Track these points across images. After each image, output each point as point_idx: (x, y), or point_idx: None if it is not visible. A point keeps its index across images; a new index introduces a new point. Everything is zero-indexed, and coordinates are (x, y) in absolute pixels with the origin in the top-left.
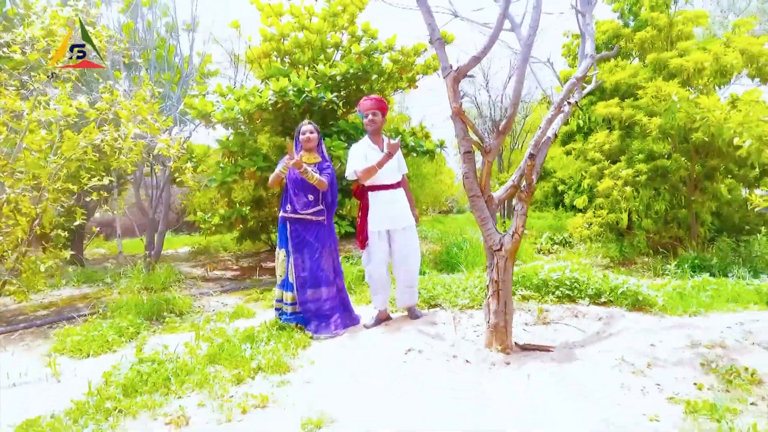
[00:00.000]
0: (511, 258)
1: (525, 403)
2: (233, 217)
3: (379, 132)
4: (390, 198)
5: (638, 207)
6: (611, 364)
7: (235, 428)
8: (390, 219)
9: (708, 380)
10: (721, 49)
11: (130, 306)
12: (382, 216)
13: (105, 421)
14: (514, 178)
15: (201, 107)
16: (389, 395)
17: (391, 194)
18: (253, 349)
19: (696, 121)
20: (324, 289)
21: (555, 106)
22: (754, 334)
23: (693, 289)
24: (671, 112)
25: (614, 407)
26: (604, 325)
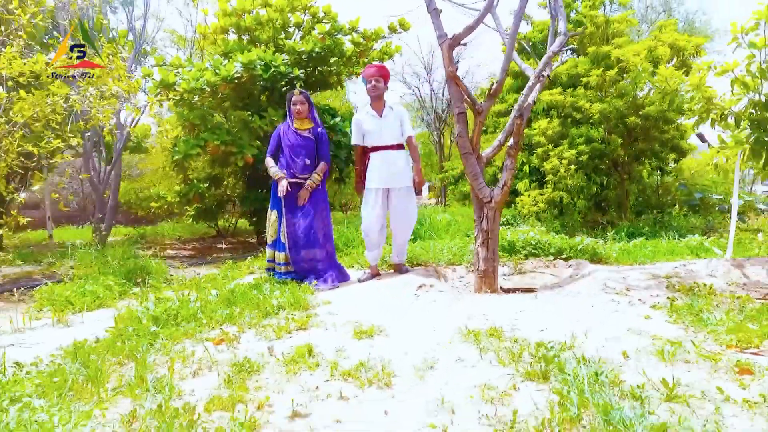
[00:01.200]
0: (499, 209)
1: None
2: (191, 193)
3: (381, 99)
4: (389, 158)
5: (576, 186)
6: (597, 289)
7: (288, 343)
8: (388, 178)
9: (677, 295)
10: (653, 42)
11: (103, 271)
12: (380, 175)
13: (153, 343)
14: (500, 139)
15: (163, 77)
16: (416, 313)
17: (391, 155)
18: (263, 294)
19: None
20: (317, 250)
21: (534, 75)
22: (696, 272)
23: (634, 247)
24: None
25: (612, 313)
26: (574, 270)
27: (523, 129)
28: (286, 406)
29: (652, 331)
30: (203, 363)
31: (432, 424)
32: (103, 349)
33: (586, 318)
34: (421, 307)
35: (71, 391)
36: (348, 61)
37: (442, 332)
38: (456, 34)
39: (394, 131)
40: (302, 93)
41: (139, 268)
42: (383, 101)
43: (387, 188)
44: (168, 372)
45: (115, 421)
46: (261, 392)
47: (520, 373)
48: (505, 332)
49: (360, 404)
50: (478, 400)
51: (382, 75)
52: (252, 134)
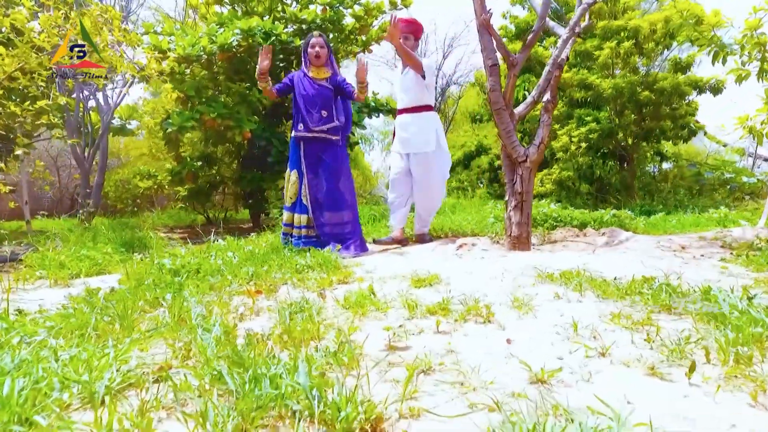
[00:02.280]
0: (534, 169)
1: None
2: (184, 171)
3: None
4: (404, 121)
5: (586, 164)
6: (652, 247)
7: (336, 292)
8: (402, 143)
9: (737, 252)
10: (670, 13)
11: (97, 241)
12: (397, 139)
13: (180, 292)
14: (533, 95)
15: (155, 42)
16: (469, 265)
17: (404, 119)
18: (284, 257)
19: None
20: (345, 212)
21: (569, 29)
22: (735, 236)
23: (658, 220)
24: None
25: (683, 264)
26: (608, 238)
27: (558, 81)
28: (375, 341)
29: (747, 275)
30: (247, 309)
31: (587, 345)
32: (123, 296)
33: (662, 266)
34: (471, 262)
35: (96, 332)
36: (347, 38)
37: (513, 278)
38: None
39: (408, 92)
40: (321, 36)
41: (136, 239)
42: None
43: (407, 153)
44: (209, 315)
45: (163, 357)
46: (335, 329)
47: (641, 304)
48: (584, 272)
49: (466, 337)
50: (616, 327)
51: (412, 31)
52: (250, 108)
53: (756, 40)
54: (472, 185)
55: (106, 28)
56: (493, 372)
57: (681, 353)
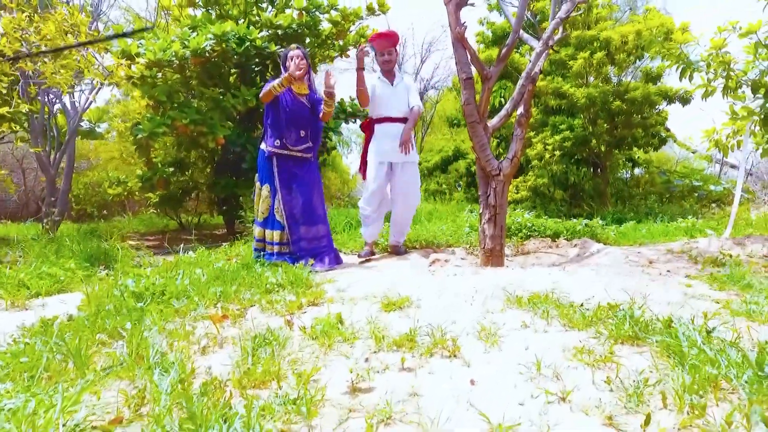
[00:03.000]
0: (507, 183)
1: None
2: (155, 178)
3: (392, 71)
4: (395, 131)
5: (560, 171)
6: (620, 261)
7: (306, 318)
8: (390, 151)
9: (702, 266)
10: (641, 26)
11: (61, 255)
12: (385, 148)
13: (141, 321)
14: (507, 108)
15: (124, 47)
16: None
17: (397, 127)
18: (255, 273)
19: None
20: (321, 226)
21: (542, 42)
22: (700, 248)
23: (629, 229)
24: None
25: (650, 282)
26: (580, 249)
27: (532, 96)
28: (338, 380)
29: (711, 296)
30: (210, 338)
31: (547, 390)
32: (80, 327)
33: (629, 286)
34: (443, 280)
35: (47, 373)
36: (323, 43)
37: (482, 300)
38: None
39: (402, 103)
40: (300, 48)
41: (102, 252)
42: (394, 71)
43: (390, 162)
44: (169, 349)
45: (115, 405)
46: (298, 366)
47: (605, 335)
48: (552, 296)
49: (431, 375)
50: (578, 364)
51: (393, 44)
52: (224, 114)
53: (721, 58)
54: (450, 188)
55: (72, 35)
56: (454, 422)
57: (639, 398)
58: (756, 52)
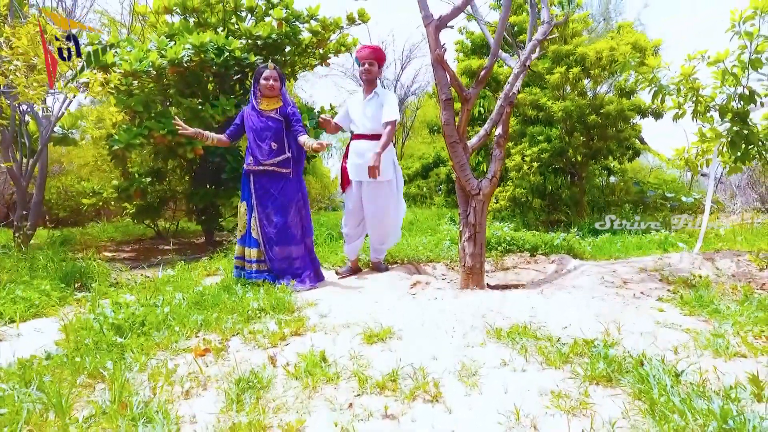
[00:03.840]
0: (487, 202)
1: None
2: (132, 188)
3: (373, 83)
4: (360, 149)
5: (538, 183)
6: (596, 283)
7: (289, 350)
8: (358, 170)
9: (674, 287)
10: (615, 42)
11: (34, 275)
12: (352, 167)
13: (122, 358)
14: (486, 128)
15: (99, 56)
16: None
17: (362, 145)
18: (236, 296)
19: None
20: (293, 247)
21: (520, 63)
22: (675, 265)
23: (604, 242)
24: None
25: (624, 306)
26: (558, 266)
27: (510, 116)
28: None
29: (681, 323)
30: (193, 380)
31: None
32: (59, 367)
33: (603, 312)
34: (424, 306)
35: (28, 426)
36: (304, 51)
37: (463, 332)
38: (443, 15)
39: (371, 120)
40: (275, 68)
41: (77, 270)
42: (374, 86)
43: (360, 181)
44: (152, 393)
45: None
46: (283, 414)
47: (581, 376)
48: (530, 328)
49: (414, 423)
50: (555, 411)
51: (376, 57)
52: (202, 124)
53: (690, 85)
54: (431, 192)
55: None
56: None
57: None
58: (723, 79)
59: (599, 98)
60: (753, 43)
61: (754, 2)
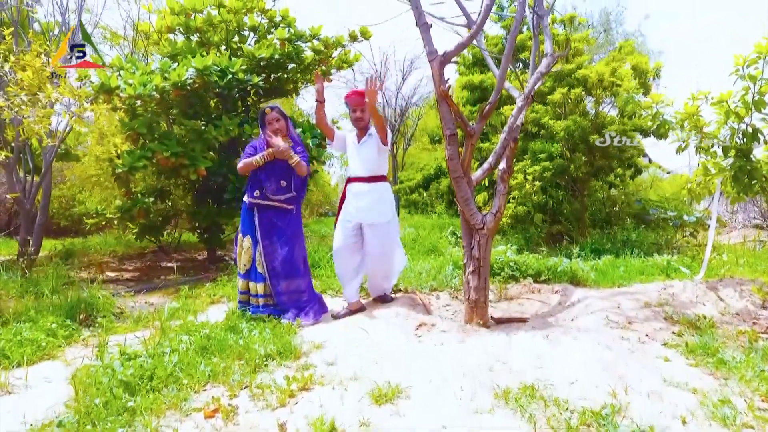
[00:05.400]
0: (491, 236)
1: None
2: (135, 209)
3: (367, 128)
4: (362, 191)
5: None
6: (601, 324)
7: (298, 412)
8: (358, 212)
9: (679, 329)
10: (616, 64)
11: (40, 309)
12: (350, 209)
13: (132, 422)
14: (490, 161)
15: (104, 80)
16: (428, 363)
17: (362, 187)
18: (243, 338)
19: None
20: (300, 280)
21: (524, 97)
22: (677, 296)
23: (607, 266)
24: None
25: (630, 354)
26: (561, 296)
27: (515, 152)
28: None
29: (688, 381)
30: None
31: None
32: None
33: (609, 364)
34: (430, 355)
35: None
36: (306, 68)
37: (471, 391)
38: (447, 51)
39: (367, 162)
40: (274, 109)
41: (83, 302)
42: (367, 129)
43: (359, 223)
44: None
45: None
46: None
47: None
48: (537, 389)
49: None
50: None
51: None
52: (205, 145)
53: (694, 123)
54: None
55: (51, 85)
56: None
57: None
58: (726, 118)
59: (601, 116)
60: (756, 84)
61: (758, 47)
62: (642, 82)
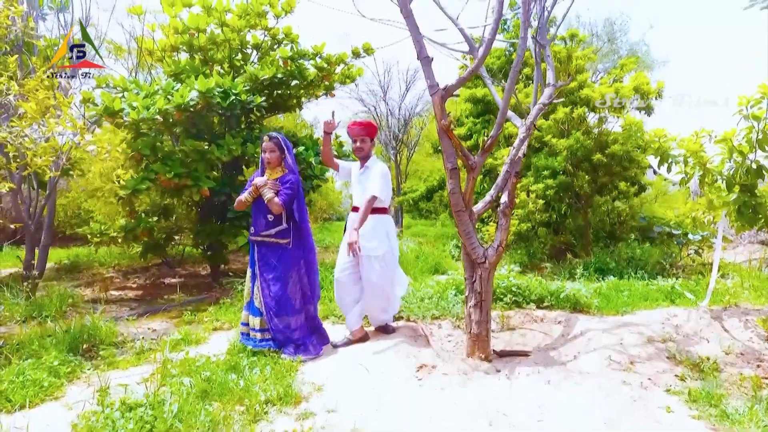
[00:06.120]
0: (492, 270)
1: (556, 409)
2: (138, 229)
3: (367, 158)
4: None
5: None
6: (603, 365)
7: None
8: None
9: (681, 370)
10: (619, 85)
11: (44, 340)
12: (344, 238)
13: None
14: (492, 194)
15: (107, 103)
16: (429, 413)
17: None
18: (244, 379)
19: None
20: (291, 318)
21: (526, 127)
22: (680, 327)
23: (610, 290)
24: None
25: (632, 403)
26: (564, 327)
27: (515, 186)
28: None
29: None
30: None
31: None
32: None
33: (612, 419)
34: (431, 403)
35: None
36: (309, 84)
37: None
38: (448, 85)
39: (366, 193)
40: (272, 139)
41: (86, 331)
42: (367, 159)
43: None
44: None
45: None
46: None
47: None
48: None
49: None
50: None
51: (368, 134)
52: (208, 165)
53: (698, 160)
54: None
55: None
56: None
57: None
58: (731, 155)
59: (605, 134)
60: (759, 123)
61: (762, 88)
62: (644, 102)
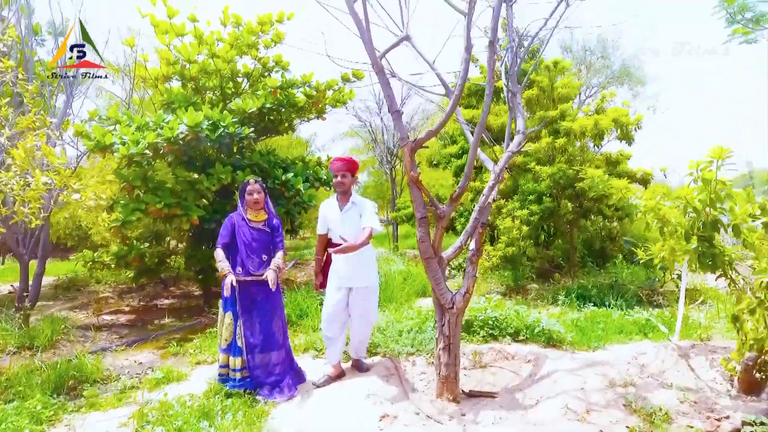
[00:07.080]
0: (461, 315)
1: None
2: (130, 256)
3: (347, 192)
4: (346, 257)
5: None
6: (559, 413)
7: None
8: (347, 277)
9: (634, 420)
10: (599, 116)
11: (30, 380)
12: (340, 273)
13: None
14: (461, 240)
15: (99, 138)
16: None
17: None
18: (215, 427)
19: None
20: (274, 353)
21: (494, 175)
22: (646, 367)
23: (586, 321)
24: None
25: None
26: (533, 367)
27: (484, 236)
28: None
29: None
30: None
31: None
32: None
33: None
34: None
35: None
36: (300, 110)
37: None
38: (418, 138)
39: (353, 228)
40: (258, 182)
41: (73, 368)
42: (349, 194)
43: (348, 287)
44: None
45: None
46: None
47: None
48: None
49: None
50: None
51: (349, 169)
52: (198, 195)
53: (656, 215)
54: None
55: (38, 168)
56: None
57: None
58: (685, 212)
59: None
60: (709, 185)
61: (712, 152)
62: (625, 133)
